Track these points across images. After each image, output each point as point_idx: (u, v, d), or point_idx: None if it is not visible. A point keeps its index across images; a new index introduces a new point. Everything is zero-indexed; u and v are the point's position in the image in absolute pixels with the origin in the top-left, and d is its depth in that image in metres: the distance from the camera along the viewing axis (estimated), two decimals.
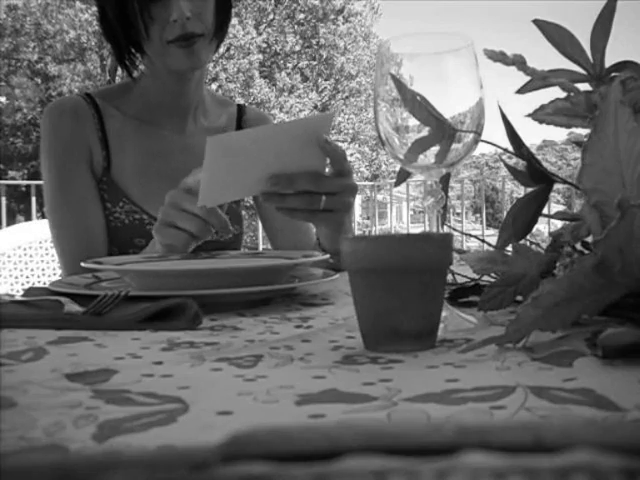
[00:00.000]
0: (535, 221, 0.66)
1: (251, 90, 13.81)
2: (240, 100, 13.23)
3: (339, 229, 0.97)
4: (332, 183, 0.90)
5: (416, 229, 7.04)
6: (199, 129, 1.25)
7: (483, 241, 0.76)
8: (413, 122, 0.58)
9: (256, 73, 13.88)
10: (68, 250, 1.15)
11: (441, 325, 0.51)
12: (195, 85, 1.21)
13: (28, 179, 10.85)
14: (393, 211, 9.00)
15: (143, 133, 1.21)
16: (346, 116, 15.28)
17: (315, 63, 15.12)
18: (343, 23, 14.96)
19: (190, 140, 1.23)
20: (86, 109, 1.18)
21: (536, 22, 0.65)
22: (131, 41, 1.11)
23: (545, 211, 0.67)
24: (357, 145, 15.73)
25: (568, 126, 0.62)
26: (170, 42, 1.06)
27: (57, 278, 1.47)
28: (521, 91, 0.65)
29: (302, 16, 14.97)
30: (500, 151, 0.70)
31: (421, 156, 0.59)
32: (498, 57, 0.57)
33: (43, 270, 1.86)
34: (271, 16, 14.79)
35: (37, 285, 1.53)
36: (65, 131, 1.16)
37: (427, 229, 0.60)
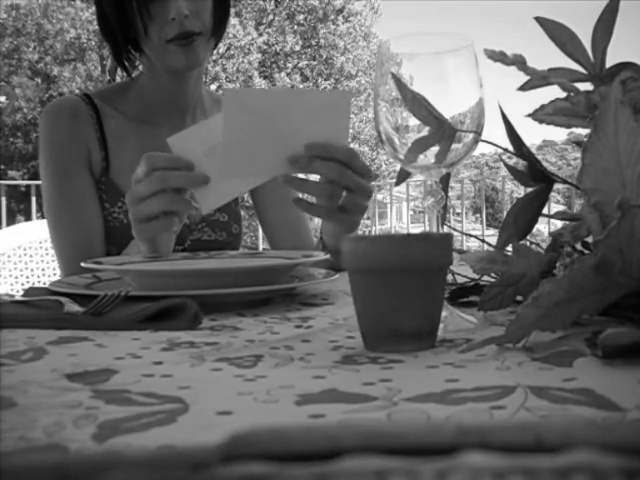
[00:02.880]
0: (535, 221, 0.66)
1: None
2: None
3: (352, 230, 0.96)
4: (353, 179, 0.87)
5: (416, 229, 7.04)
6: None
7: (483, 241, 0.76)
8: (413, 122, 0.58)
9: (255, 73, 13.88)
10: (66, 249, 1.15)
11: (441, 325, 0.51)
12: (193, 84, 1.21)
13: (28, 179, 10.84)
14: (393, 211, 8.99)
15: (142, 133, 1.21)
16: None
17: (315, 63, 15.12)
18: (343, 23, 14.96)
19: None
20: (84, 109, 1.18)
21: (538, 19, 0.64)
22: (129, 40, 1.11)
23: (545, 211, 0.67)
24: (357, 145, 15.73)
25: (568, 126, 0.62)
26: (169, 41, 1.07)
27: (57, 278, 1.47)
28: (523, 88, 0.65)
29: (302, 16, 14.97)
30: (500, 151, 0.70)
31: (421, 156, 0.59)
32: (498, 57, 0.57)
33: (43, 270, 1.86)
34: (271, 16, 14.79)
35: (37, 285, 1.53)
36: (63, 131, 1.16)
37: (427, 229, 0.60)
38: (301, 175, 0.89)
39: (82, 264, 0.79)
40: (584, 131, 0.61)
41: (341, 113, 0.84)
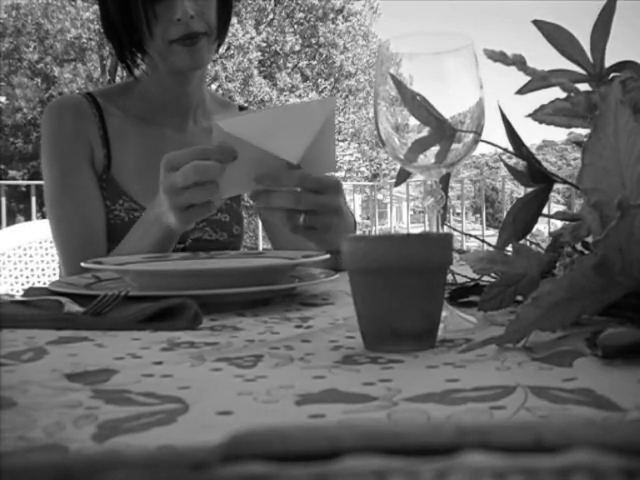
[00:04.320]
0: (535, 221, 0.66)
1: (250, 89, 13.81)
2: (239, 99, 13.24)
3: (322, 244, 0.95)
4: (311, 201, 0.88)
5: (416, 229, 7.04)
6: (199, 129, 1.26)
7: (483, 241, 0.76)
8: (413, 122, 0.58)
9: (255, 72, 13.88)
10: (69, 244, 1.15)
11: (441, 325, 0.51)
12: (196, 85, 1.21)
13: (28, 179, 10.84)
14: (393, 211, 8.99)
15: (144, 132, 1.22)
16: (346, 115, 15.27)
17: (315, 63, 15.12)
18: (342, 22, 14.95)
19: (190, 139, 1.23)
20: (87, 107, 1.19)
21: (536, 23, 0.64)
22: (133, 41, 1.11)
23: (545, 211, 0.67)
24: (357, 144, 15.73)
25: (568, 126, 0.62)
26: (173, 41, 1.07)
27: (57, 278, 1.47)
28: (521, 92, 0.65)
29: (302, 15, 14.96)
30: (500, 151, 0.70)
31: (421, 156, 0.59)
32: (498, 57, 0.57)
33: (43, 270, 1.86)
34: (271, 16, 14.79)
35: (37, 285, 1.53)
36: (67, 127, 1.17)
37: (427, 229, 0.60)
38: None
39: (82, 264, 0.79)
40: (584, 131, 0.61)
41: (328, 119, 0.87)
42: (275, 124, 0.85)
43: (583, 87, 0.61)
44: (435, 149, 0.58)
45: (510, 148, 0.68)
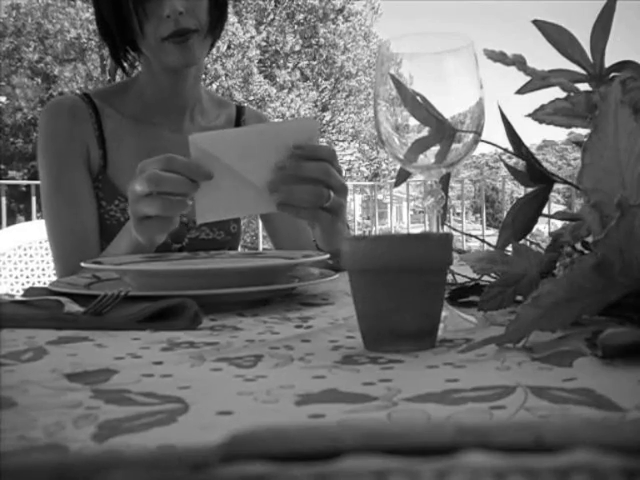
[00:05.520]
0: (535, 221, 0.66)
1: (250, 86, 13.81)
2: (239, 96, 13.24)
3: (332, 231, 0.95)
4: (337, 178, 0.87)
5: (416, 229, 7.04)
6: (196, 128, 1.26)
7: (483, 241, 0.76)
8: (413, 122, 0.58)
9: (255, 70, 13.88)
10: (61, 243, 1.16)
11: (441, 325, 0.51)
12: (192, 83, 1.21)
13: (28, 179, 10.83)
14: (393, 211, 8.99)
15: (140, 132, 1.22)
16: (346, 115, 15.28)
17: (315, 63, 15.12)
18: (343, 22, 14.95)
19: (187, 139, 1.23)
20: (84, 108, 1.19)
21: (536, 22, 0.65)
22: (126, 39, 1.12)
23: (545, 211, 0.67)
24: (357, 144, 15.73)
25: (568, 126, 0.62)
26: (164, 39, 1.07)
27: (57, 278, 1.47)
28: (521, 91, 0.65)
29: (302, 16, 14.97)
30: (500, 151, 0.70)
31: (421, 156, 0.59)
32: (498, 57, 0.57)
33: (43, 270, 1.86)
34: (271, 16, 14.79)
35: (37, 285, 1.53)
36: (63, 128, 1.17)
37: (427, 229, 0.60)
38: None
39: (82, 264, 0.79)
40: (584, 131, 0.61)
41: (311, 139, 0.85)
42: (251, 144, 0.83)
43: (583, 87, 0.61)
44: (435, 149, 0.58)
45: (510, 148, 0.68)
